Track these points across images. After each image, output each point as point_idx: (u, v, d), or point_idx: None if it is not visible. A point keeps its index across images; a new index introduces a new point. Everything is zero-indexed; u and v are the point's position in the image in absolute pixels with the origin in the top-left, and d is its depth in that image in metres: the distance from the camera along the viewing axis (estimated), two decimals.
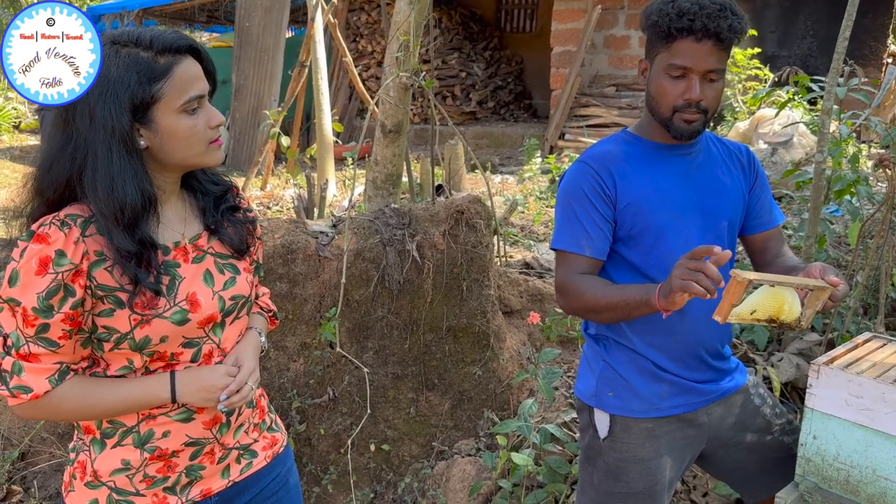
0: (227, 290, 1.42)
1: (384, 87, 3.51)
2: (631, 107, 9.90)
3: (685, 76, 1.63)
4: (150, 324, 1.31)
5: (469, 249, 3.14)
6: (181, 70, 1.27)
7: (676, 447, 1.81)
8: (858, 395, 1.58)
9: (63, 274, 1.23)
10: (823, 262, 1.57)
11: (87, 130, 1.24)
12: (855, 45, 8.55)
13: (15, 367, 1.27)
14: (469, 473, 2.80)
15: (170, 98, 1.26)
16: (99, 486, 1.39)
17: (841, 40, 2.80)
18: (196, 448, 1.43)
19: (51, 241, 1.23)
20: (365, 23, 12.73)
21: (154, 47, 1.25)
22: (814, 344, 2.97)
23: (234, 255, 1.46)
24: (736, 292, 1.42)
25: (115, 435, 1.38)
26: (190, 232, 1.41)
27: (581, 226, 1.71)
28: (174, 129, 1.28)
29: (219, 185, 1.48)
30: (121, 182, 1.24)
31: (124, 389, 1.34)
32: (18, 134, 14.32)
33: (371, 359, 3.06)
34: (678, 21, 1.58)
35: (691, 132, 1.68)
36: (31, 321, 1.24)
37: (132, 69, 1.23)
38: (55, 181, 1.27)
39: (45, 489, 2.90)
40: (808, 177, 3.22)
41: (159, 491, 1.41)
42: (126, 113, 1.23)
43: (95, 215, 1.26)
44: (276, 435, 1.63)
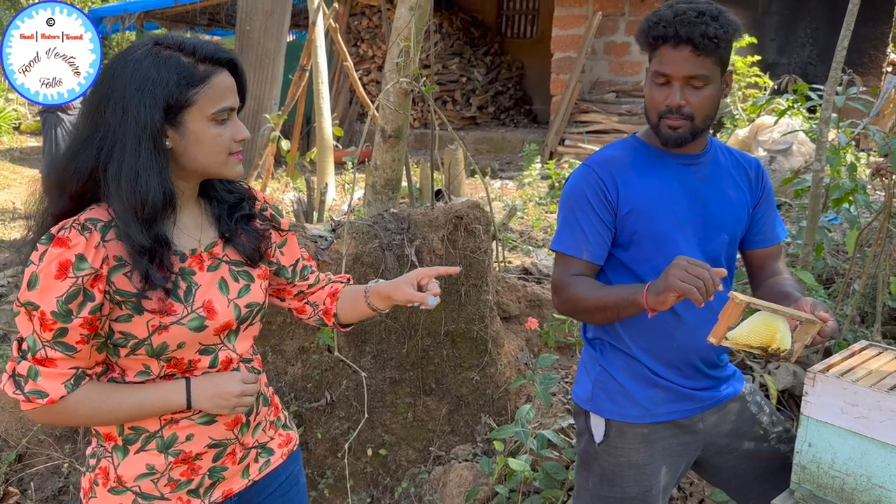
0: (242, 297, 1.43)
1: (384, 91, 3.51)
2: (631, 113, 9.92)
3: (669, 83, 1.65)
4: (168, 330, 1.31)
5: (468, 255, 3.14)
6: (218, 80, 1.30)
7: (672, 453, 1.81)
8: (854, 403, 1.58)
9: (83, 278, 1.23)
10: (815, 300, 1.59)
11: (117, 123, 1.25)
12: (854, 54, 8.57)
13: (31, 372, 1.26)
14: (466, 479, 2.80)
15: (203, 105, 1.29)
16: (123, 491, 1.39)
17: (839, 49, 2.81)
18: (219, 449, 1.45)
19: (71, 245, 1.23)
20: (366, 27, 12.75)
21: (196, 55, 1.28)
22: (811, 352, 2.97)
23: (248, 262, 1.47)
24: (733, 314, 1.43)
25: (137, 440, 1.38)
26: (206, 239, 1.42)
27: (581, 230, 1.72)
28: (201, 135, 1.30)
29: (234, 192, 1.49)
30: (145, 177, 1.25)
31: (140, 395, 1.34)
32: (18, 135, 14.33)
33: (369, 363, 3.06)
34: (656, 29, 1.62)
35: (676, 138, 1.68)
36: (48, 325, 1.24)
37: (172, 70, 1.26)
38: (79, 170, 1.28)
39: (42, 491, 2.89)
40: (807, 185, 3.23)
41: (183, 494, 1.42)
42: (159, 111, 1.25)
43: (114, 209, 1.27)
44: (291, 433, 1.65)
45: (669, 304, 1.50)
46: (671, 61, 1.62)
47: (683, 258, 1.48)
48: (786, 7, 9.85)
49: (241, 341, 1.46)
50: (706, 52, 1.61)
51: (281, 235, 1.59)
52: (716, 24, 1.59)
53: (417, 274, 1.52)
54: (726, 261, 1.80)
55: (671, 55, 1.62)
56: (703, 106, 1.66)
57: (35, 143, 13.18)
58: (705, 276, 1.42)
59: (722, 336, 1.46)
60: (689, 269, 1.44)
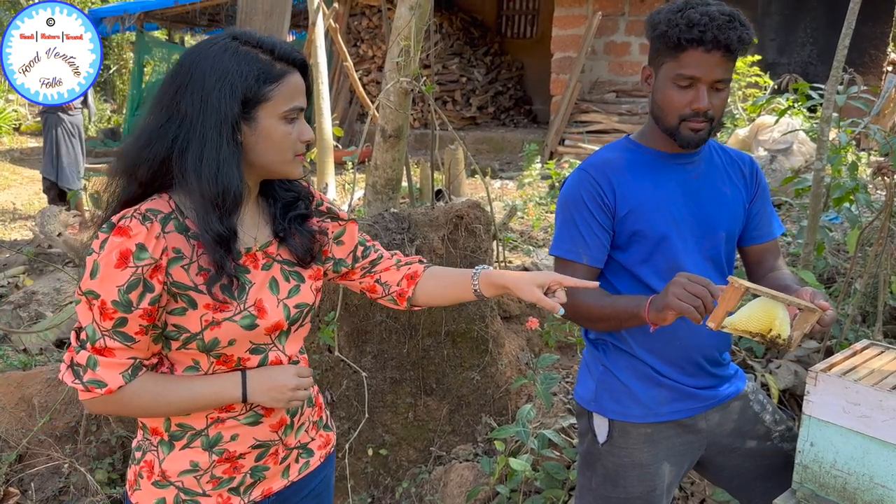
0: (292, 298, 1.44)
1: (384, 91, 3.51)
2: (631, 113, 9.91)
3: (693, 86, 1.63)
4: (220, 326, 1.32)
5: (468, 254, 3.14)
6: (292, 80, 1.32)
7: (675, 452, 1.81)
8: (856, 402, 1.58)
9: (143, 268, 1.24)
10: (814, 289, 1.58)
11: (195, 113, 1.26)
12: (855, 54, 8.57)
13: (90, 361, 1.27)
14: (467, 479, 2.79)
15: (276, 102, 1.30)
16: (167, 485, 1.40)
17: (840, 48, 2.80)
18: (262, 450, 1.45)
19: (132, 235, 1.23)
20: (366, 27, 12.75)
21: (274, 53, 1.31)
22: (812, 351, 2.97)
23: (299, 263, 1.47)
24: (732, 299, 1.43)
25: (183, 437, 1.39)
26: (262, 238, 1.43)
27: (579, 234, 1.72)
28: (271, 132, 1.32)
29: (291, 191, 1.49)
30: (226, 168, 1.27)
31: (196, 387, 1.34)
32: (19, 136, 14.34)
33: (369, 363, 3.06)
34: (688, 32, 1.58)
35: (698, 140, 1.68)
36: (109, 314, 1.24)
37: (252, 66, 1.28)
38: (152, 158, 1.28)
39: (42, 491, 2.89)
40: (807, 184, 3.23)
41: (224, 492, 1.43)
42: (238, 103, 1.27)
43: (192, 198, 1.27)
44: (330, 434, 1.66)
45: (670, 321, 1.51)
46: (701, 65, 1.60)
47: (684, 275, 1.49)
48: (786, 7, 9.85)
49: (292, 343, 1.47)
50: (733, 57, 1.61)
51: (340, 225, 1.59)
52: (744, 28, 1.59)
53: (550, 279, 1.46)
54: (725, 258, 1.81)
55: (702, 59, 1.59)
56: (721, 108, 1.67)
57: (35, 143, 13.20)
58: (703, 294, 1.43)
59: (720, 321, 1.45)
60: (689, 287, 1.45)
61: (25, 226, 7.48)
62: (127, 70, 15.99)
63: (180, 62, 1.31)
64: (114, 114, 15.92)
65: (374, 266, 1.65)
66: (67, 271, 5.19)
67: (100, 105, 15.14)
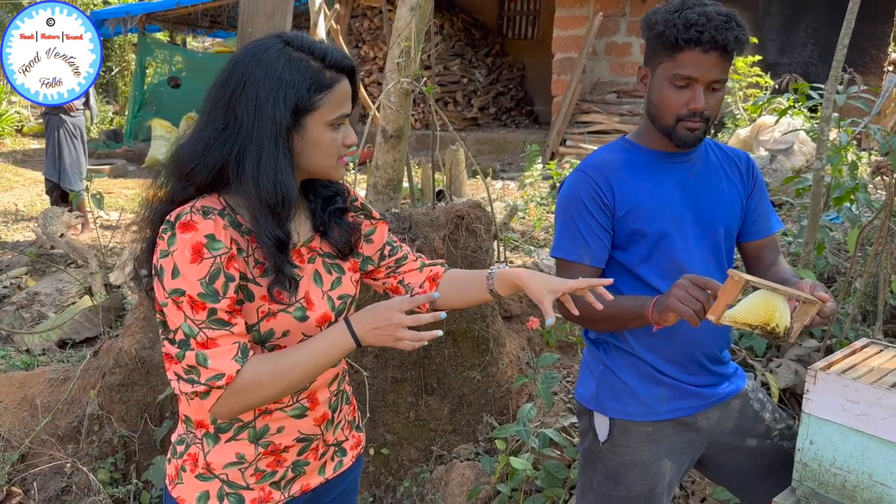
0: (335, 289, 1.46)
1: (385, 92, 3.52)
2: (632, 113, 9.92)
3: (689, 86, 1.64)
4: (276, 317, 1.34)
5: (469, 254, 3.14)
6: (341, 87, 1.33)
7: (676, 451, 1.81)
8: (855, 400, 1.58)
9: (220, 257, 1.25)
10: (814, 281, 1.59)
11: (251, 121, 1.27)
12: (855, 53, 8.57)
13: (199, 359, 1.25)
14: (468, 478, 2.80)
15: (324, 111, 1.31)
16: (211, 478, 1.40)
17: (840, 48, 2.81)
18: (305, 444, 1.46)
19: (199, 228, 1.25)
20: (367, 28, 12.77)
21: (325, 61, 1.31)
22: (812, 350, 2.97)
23: (339, 255, 1.49)
24: (732, 292, 1.44)
25: (230, 429, 1.39)
26: (304, 234, 1.45)
27: (580, 235, 1.73)
28: (318, 139, 1.33)
29: (329, 187, 1.51)
30: (283, 177, 1.29)
31: (309, 350, 1.34)
32: (21, 138, 14.35)
33: (370, 363, 3.07)
34: (686, 32, 1.58)
35: (694, 140, 1.69)
36: (199, 306, 1.24)
37: (305, 75, 1.29)
38: (211, 164, 1.30)
39: (45, 491, 2.90)
40: (808, 184, 3.23)
41: (266, 485, 1.44)
42: (290, 112, 1.28)
43: (250, 204, 1.29)
44: (360, 435, 1.68)
45: (672, 322, 1.52)
46: (698, 65, 1.61)
47: (688, 277, 1.50)
48: (786, 7, 9.85)
49: None
50: (729, 57, 1.62)
51: (371, 223, 1.60)
52: (740, 29, 1.60)
53: (566, 286, 1.44)
54: (725, 254, 1.81)
55: (699, 59, 1.60)
56: (717, 108, 1.68)
57: (37, 145, 13.21)
58: (703, 297, 1.45)
59: (721, 314, 1.46)
60: (690, 289, 1.47)
61: (28, 227, 7.49)
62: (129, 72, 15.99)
63: (233, 66, 1.31)
64: (116, 115, 15.93)
65: (398, 266, 1.65)
66: (69, 272, 5.21)
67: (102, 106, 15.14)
